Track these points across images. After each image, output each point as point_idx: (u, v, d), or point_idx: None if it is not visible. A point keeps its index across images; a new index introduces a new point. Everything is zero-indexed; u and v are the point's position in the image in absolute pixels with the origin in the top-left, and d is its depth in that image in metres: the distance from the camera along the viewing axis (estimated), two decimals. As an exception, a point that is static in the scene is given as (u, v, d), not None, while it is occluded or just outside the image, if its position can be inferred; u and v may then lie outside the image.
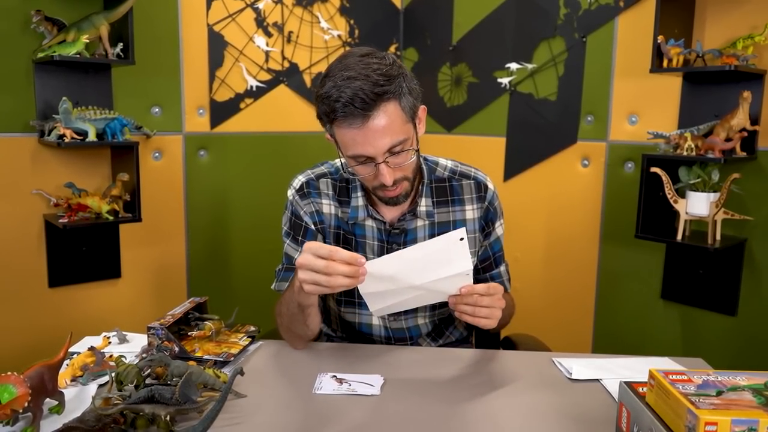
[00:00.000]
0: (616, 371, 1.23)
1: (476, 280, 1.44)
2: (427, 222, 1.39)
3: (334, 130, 1.23)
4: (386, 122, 1.18)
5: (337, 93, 1.17)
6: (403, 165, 1.25)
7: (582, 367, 1.25)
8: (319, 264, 1.07)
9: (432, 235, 1.39)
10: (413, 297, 1.20)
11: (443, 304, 1.38)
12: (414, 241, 1.39)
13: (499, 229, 1.47)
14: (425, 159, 1.42)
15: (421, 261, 1.13)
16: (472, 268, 1.16)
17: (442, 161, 1.45)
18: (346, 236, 1.41)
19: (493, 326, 1.23)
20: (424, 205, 1.38)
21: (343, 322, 1.49)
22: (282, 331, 1.39)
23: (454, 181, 1.43)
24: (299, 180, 1.44)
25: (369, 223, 1.39)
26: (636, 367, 1.26)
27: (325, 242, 1.41)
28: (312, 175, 1.43)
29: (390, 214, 1.38)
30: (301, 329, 1.33)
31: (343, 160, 1.31)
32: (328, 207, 1.41)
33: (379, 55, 1.22)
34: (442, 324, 1.50)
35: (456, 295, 1.19)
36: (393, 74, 1.19)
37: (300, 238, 1.42)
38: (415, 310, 1.43)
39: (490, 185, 1.45)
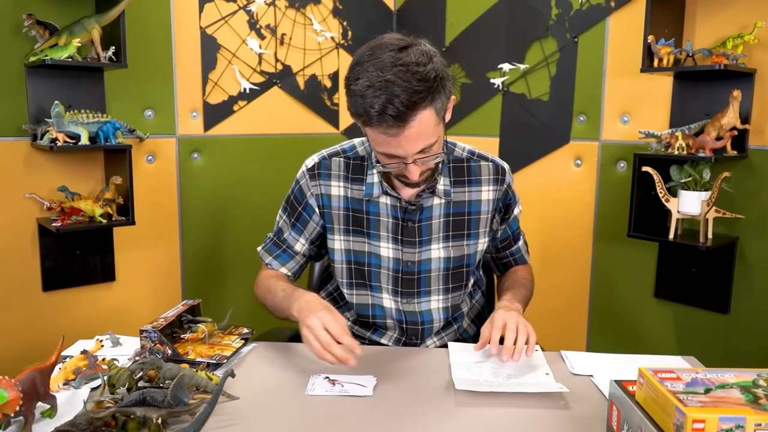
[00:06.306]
0: (619, 368, 1.24)
1: (495, 259, 1.59)
2: (443, 201, 1.41)
3: (366, 129, 1.24)
4: (420, 130, 1.18)
5: (372, 96, 1.14)
6: (430, 163, 1.27)
7: (584, 362, 1.27)
8: (324, 338, 1.17)
9: (447, 214, 1.42)
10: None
11: (456, 288, 1.47)
12: (429, 219, 1.41)
13: (516, 209, 1.52)
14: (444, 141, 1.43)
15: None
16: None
17: (459, 143, 1.47)
18: (357, 216, 1.42)
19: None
20: (442, 184, 1.40)
21: (356, 305, 1.50)
22: (261, 303, 1.49)
23: (473, 161, 1.44)
24: (312, 159, 1.45)
25: (383, 200, 1.40)
26: (633, 365, 1.26)
27: (326, 227, 1.44)
28: (325, 154, 1.45)
29: (407, 191, 1.39)
30: (283, 317, 1.40)
31: (364, 149, 1.40)
32: (337, 189, 1.42)
33: (415, 49, 1.17)
34: (454, 312, 1.51)
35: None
36: (430, 77, 1.15)
37: (293, 220, 1.47)
38: (429, 292, 1.45)
39: (508, 170, 1.48)
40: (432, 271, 1.43)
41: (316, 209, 1.44)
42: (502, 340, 1.24)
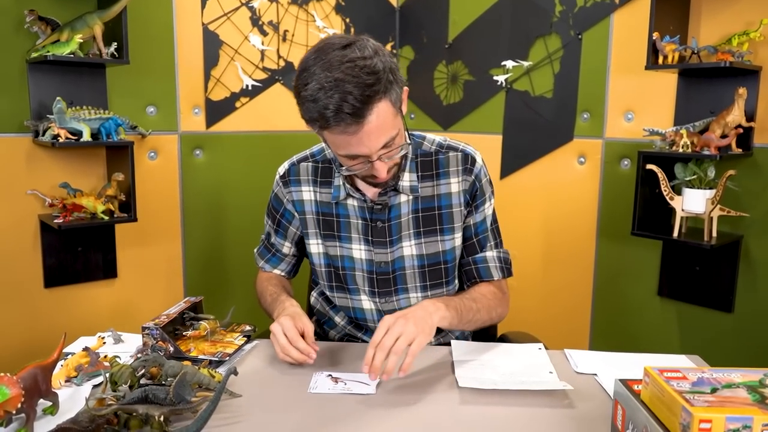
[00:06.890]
0: (622, 367, 1.23)
1: (459, 264, 1.47)
2: (410, 197, 1.38)
3: (324, 134, 1.21)
4: (379, 123, 1.15)
5: (325, 98, 1.11)
6: (396, 157, 1.25)
7: (587, 361, 1.26)
8: (281, 341, 1.23)
9: (416, 210, 1.39)
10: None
11: (435, 285, 1.42)
12: (398, 217, 1.38)
13: (488, 209, 1.44)
14: (411, 134, 1.38)
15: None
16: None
17: (429, 136, 1.43)
18: (327, 219, 1.41)
19: (427, 340, 1.18)
20: (407, 180, 1.36)
21: (340, 307, 1.50)
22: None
23: (441, 154, 1.40)
24: (283, 167, 1.47)
25: (350, 201, 1.39)
26: (637, 364, 1.26)
27: (303, 231, 1.46)
28: (294, 160, 1.46)
29: (371, 190, 1.36)
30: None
31: (331, 152, 1.36)
32: (307, 194, 1.43)
33: (359, 44, 1.15)
34: None
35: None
36: (379, 69, 1.12)
37: (275, 226, 1.50)
38: (406, 290, 1.42)
39: (479, 159, 1.41)
40: (406, 269, 1.41)
41: (295, 214, 1.45)
42: None
